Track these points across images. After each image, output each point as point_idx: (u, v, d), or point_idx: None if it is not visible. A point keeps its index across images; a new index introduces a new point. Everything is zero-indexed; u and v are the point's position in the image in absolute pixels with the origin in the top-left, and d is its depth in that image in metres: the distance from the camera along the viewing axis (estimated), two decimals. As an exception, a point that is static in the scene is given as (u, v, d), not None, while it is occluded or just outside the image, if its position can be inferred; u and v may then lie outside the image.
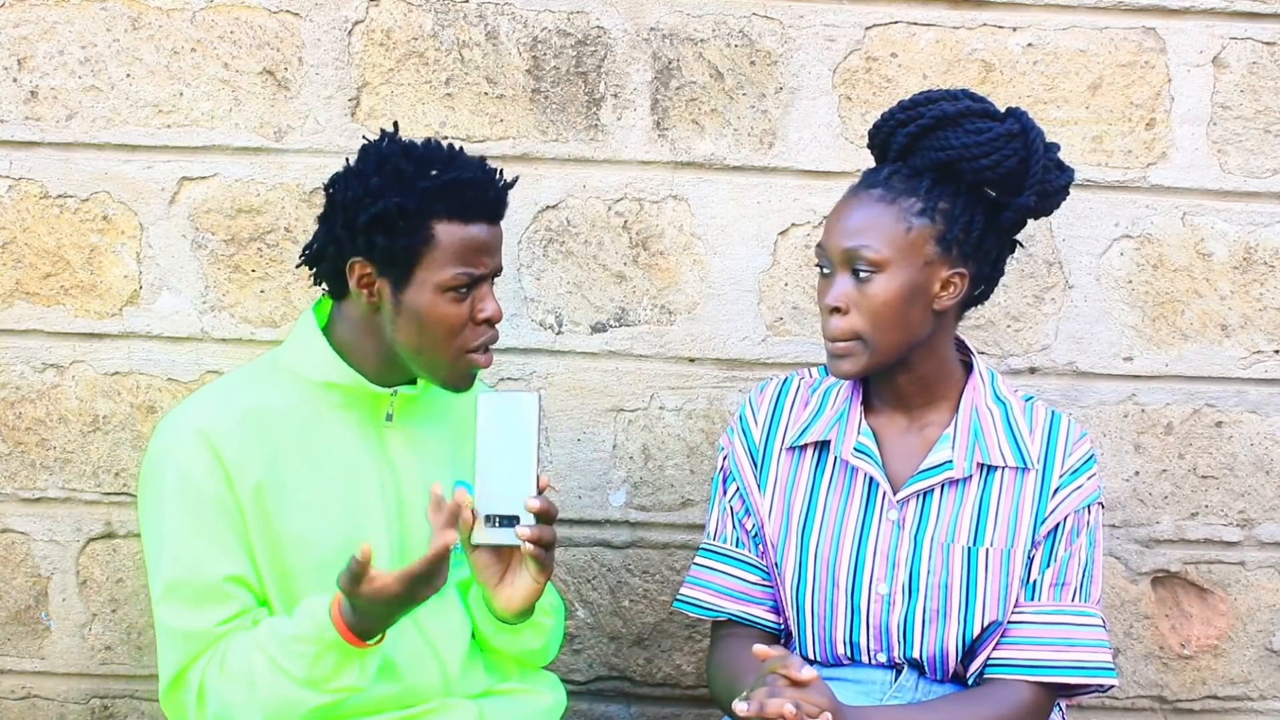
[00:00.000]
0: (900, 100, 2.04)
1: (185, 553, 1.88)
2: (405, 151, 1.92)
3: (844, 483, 2.06)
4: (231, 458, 1.88)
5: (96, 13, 2.43)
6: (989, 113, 1.99)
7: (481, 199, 1.91)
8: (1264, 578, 2.56)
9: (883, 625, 2.02)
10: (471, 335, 1.93)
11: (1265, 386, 2.51)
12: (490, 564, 1.92)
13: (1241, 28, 2.43)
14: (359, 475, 1.96)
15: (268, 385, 1.97)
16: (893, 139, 2.00)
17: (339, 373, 1.95)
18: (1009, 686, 1.99)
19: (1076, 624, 1.99)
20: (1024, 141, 1.97)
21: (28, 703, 2.59)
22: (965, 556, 2.00)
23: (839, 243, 1.96)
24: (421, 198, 1.87)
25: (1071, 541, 2.01)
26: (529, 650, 2.05)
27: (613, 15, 2.43)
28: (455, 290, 1.90)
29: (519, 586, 1.92)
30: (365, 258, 1.90)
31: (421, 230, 1.88)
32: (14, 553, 2.55)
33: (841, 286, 1.96)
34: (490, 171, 1.96)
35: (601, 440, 2.53)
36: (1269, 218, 2.47)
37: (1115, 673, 2.00)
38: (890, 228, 1.94)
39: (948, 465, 2.01)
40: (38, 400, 2.50)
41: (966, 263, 1.98)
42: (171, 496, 1.88)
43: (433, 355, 1.93)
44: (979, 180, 1.97)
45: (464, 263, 1.90)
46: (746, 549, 2.10)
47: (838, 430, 2.06)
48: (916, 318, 1.97)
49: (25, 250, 2.48)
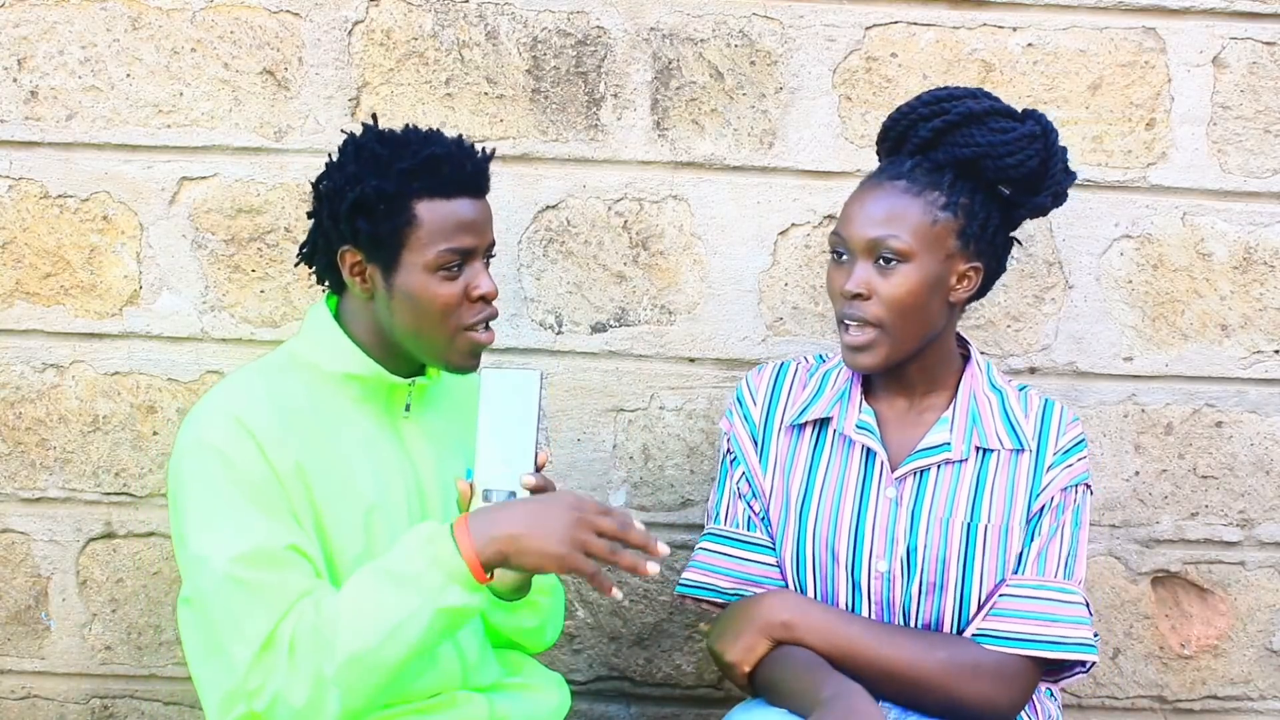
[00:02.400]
0: (920, 95, 2.07)
1: (249, 526, 1.80)
2: (380, 137, 1.92)
3: (842, 460, 2.08)
4: (269, 440, 1.85)
5: (96, 13, 2.43)
6: (1011, 113, 2.05)
7: (460, 173, 1.89)
8: (1264, 578, 2.56)
9: (884, 600, 2.04)
10: (468, 312, 1.91)
11: (1265, 386, 2.51)
12: None
13: (1241, 28, 2.43)
14: (382, 466, 1.95)
15: (287, 378, 1.95)
16: (913, 132, 2.04)
17: (359, 364, 1.94)
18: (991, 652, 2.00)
19: (1058, 599, 2.01)
20: (1045, 143, 2.03)
21: (28, 703, 2.59)
22: (964, 532, 2.02)
23: (864, 231, 1.99)
24: (399, 178, 1.86)
25: (1058, 517, 2.04)
26: (526, 629, 2.05)
27: (613, 15, 2.43)
28: (445, 269, 1.88)
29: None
30: (353, 245, 1.90)
31: (404, 211, 1.87)
32: (14, 553, 2.55)
33: (863, 273, 1.99)
34: (467, 146, 1.93)
35: (601, 440, 2.53)
36: (1269, 218, 2.47)
37: (1095, 649, 2.01)
38: (917, 219, 1.98)
39: (945, 446, 2.04)
40: (38, 400, 2.50)
41: (981, 258, 2.03)
42: (220, 479, 1.83)
43: (432, 337, 1.92)
44: (1001, 178, 2.02)
45: (449, 240, 1.88)
46: (758, 530, 2.11)
47: (839, 408, 2.09)
48: (935, 309, 2.01)
49: (25, 250, 2.48)
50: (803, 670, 1.95)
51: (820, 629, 1.99)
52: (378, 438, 1.96)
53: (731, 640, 2.02)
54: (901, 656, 1.97)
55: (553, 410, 2.51)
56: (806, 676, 1.93)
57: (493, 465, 1.86)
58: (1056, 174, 2.04)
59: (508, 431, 1.86)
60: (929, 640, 2.00)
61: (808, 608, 2.02)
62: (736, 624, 2.03)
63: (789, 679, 1.95)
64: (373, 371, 1.94)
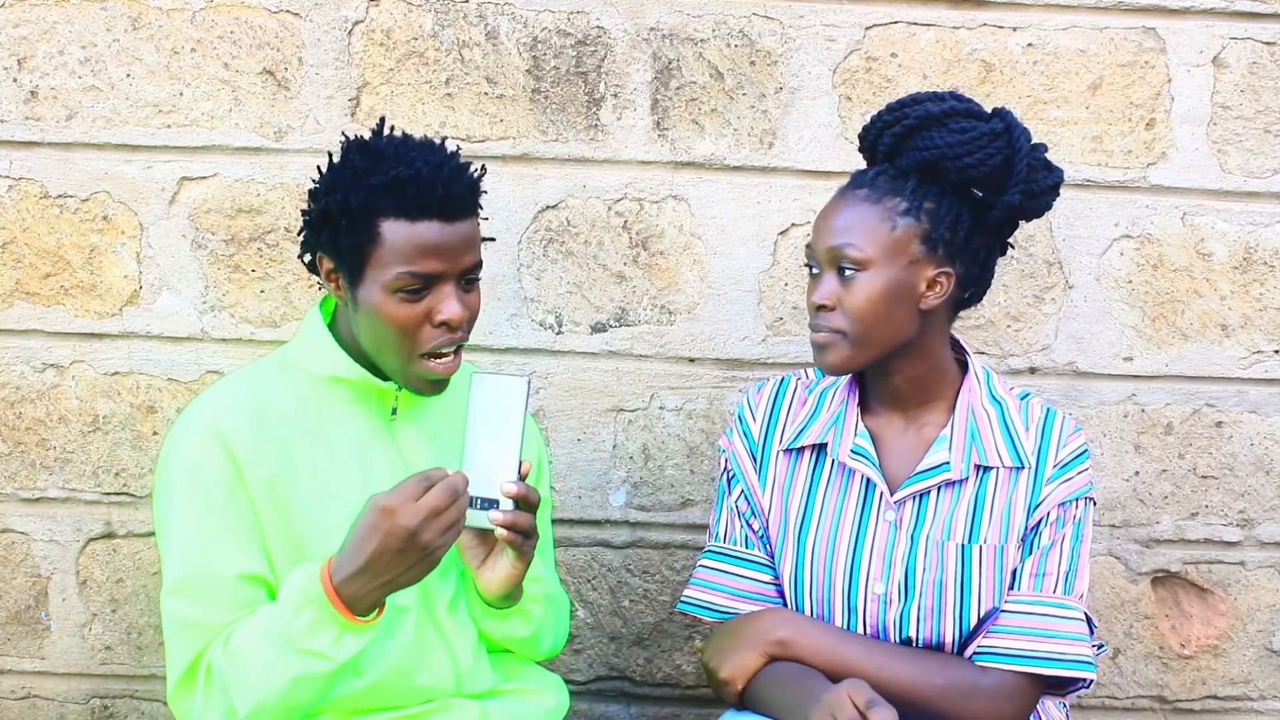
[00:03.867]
0: (888, 103, 2.05)
1: (196, 549, 1.85)
2: (364, 147, 1.88)
3: (841, 484, 2.06)
4: (243, 452, 1.86)
5: (96, 13, 2.43)
6: (974, 112, 2.00)
7: (427, 196, 1.82)
8: (1264, 578, 2.56)
9: (880, 623, 2.02)
10: (428, 336, 1.87)
11: (1265, 386, 2.51)
12: (473, 545, 1.92)
13: (1241, 28, 2.43)
14: (372, 468, 1.94)
15: (277, 381, 1.95)
16: (879, 140, 2.03)
17: (345, 367, 1.94)
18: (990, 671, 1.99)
19: (1056, 615, 1.99)
20: (1008, 140, 1.98)
21: (28, 703, 2.59)
22: (960, 554, 2.00)
23: (824, 241, 1.98)
24: (366, 194, 1.82)
25: (1056, 532, 2.02)
26: (517, 637, 2.04)
27: (613, 15, 2.43)
28: (405, 291, 1.83)
29: (499, 570, 1.91)
30: (326, 253, 1.89)
31: (368, 228, 1.82)
32: (14, 553, 2.55)
33: (828, 285, 1.98)
34: (445, 167, 1.85)
35: (601, 440, 2.53)
36: (1269, 218, 2.47)
37: (1094, 666, 2.00)
38: (874, 226, 1.96)
39: (945, 467, 2.02)
40: (38, 400, 2.50)
41: (954, 262, 1.99)
42: (182, 492, 1.86)
43: (389, 356, 1.89)
44: (964, 179, 1.98)
45: (410, 263, 1.82)
46: (756, 549, 2.10)
47: (834, 433, 2.07)
48: (902, 316, 1.98)
49: (25, 250, 2.48)
50: (793, 681, 1.94)
51: (817, 647, 1.98)
52: (369, 440, 1.96)
53: (726, 656, 2.01)
54: (900, 677, 1.95)
55: (553, 410, 2.51)
56: (796, 686, 1.92)
57: (479, 472, 1.83)
58: (1022, 171, 1.97)
59: (493, 438, 1.84)
60: (928, 660, 1.99)
61: (805, 625, 2.01)
62: (732, 640, 2.03)
63: (779, 694, 1.94)
64: (359, 375, 1.94)
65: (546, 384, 2.50)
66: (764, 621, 2.02)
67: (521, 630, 2.03)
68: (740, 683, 2.00)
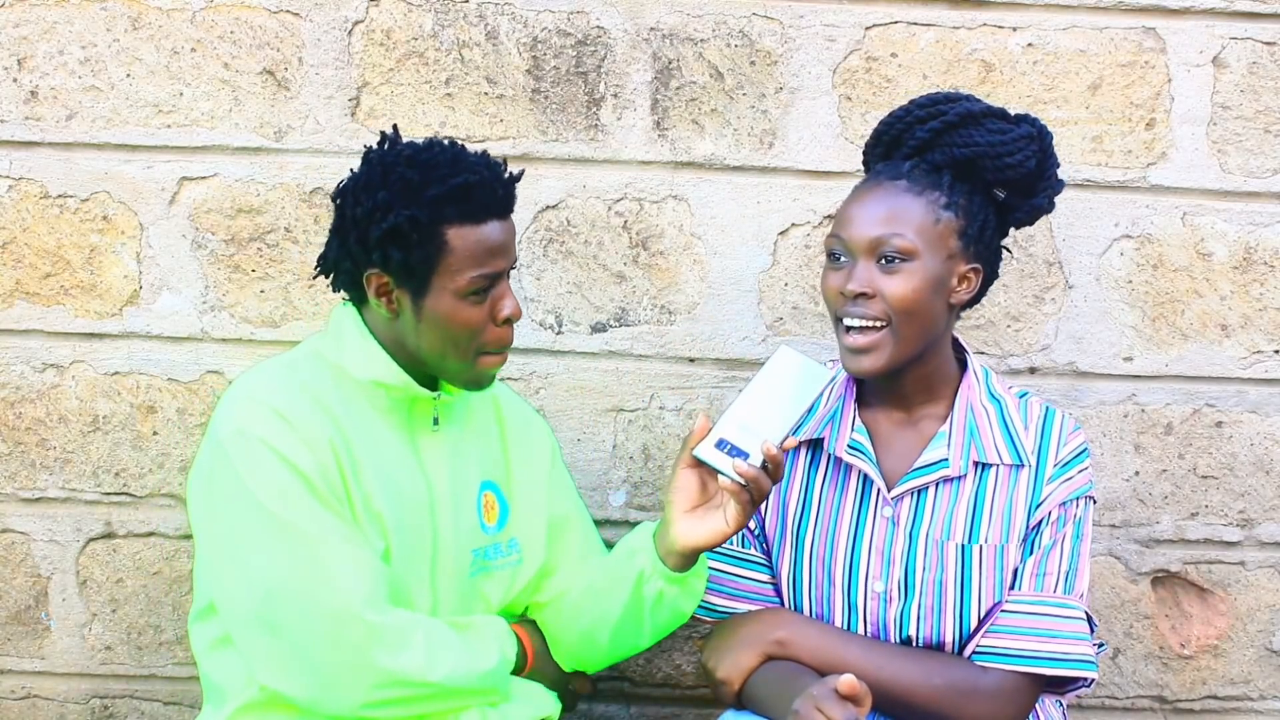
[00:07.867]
0: (912, 100, 2.06)
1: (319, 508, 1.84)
2: (410, 159, 1.89)
3: (838, 480, 2.06)
4: (306, 435, 1.86)
5: (96, 13, 2.43)
6: (1005, 115, 2.05)
7: (491, 198, 1.90)
8: (1264, 578, 2.56)
9: (880, 621, 2.03)
10: (491, 336, 1.93)
11: (1265, 386, 2.51)
12: (688, 487, 1.92)
13: (1241, 28, 2.43)
14: (395, 479, 1.94)
15: (315, 376, 1.95)
16: (909, 134, 2.03)
17: (390, 373, 1.95)
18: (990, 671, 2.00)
19: (1057, 615, 1.99)
20: (1041, 145, 2.03)
21: (28, 703, 2.59)
22: (960, 554, 2.00)
23: (866, 231, 1.97)
24: (431, 206, 1.85)
25: (1057, 531, 2.02)
26: (680, 612, 2.02)
27: (613, 15, 2.43)
28: (475, 293, 1.90)
29: (706, 524, 1.91)
30: (381, 269, 1.89)
31: (435, 239, 1.86)
32: (14, 553, 2.55)
33: (865, 273, 1.97)
34: (496, 168, 1.94)
35: (601, 440, 2.53)
36: (1269, 218, 2.47)
37: (1095, 665, 2.00)
38: (920, 218, 1.97)
39: (943, 464, 2.02)
40: (38, 400, 2.50)
41: (980, 260, 2.02)
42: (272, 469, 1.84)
43: (453, 360, 1.93)
44: (999, 179, 2.01)
45: (480, 265, 1.89)
46: (754, 549, 2.10)
47: (831, 428, 2.07)
48: (937, 310, 1.99)
49: (25, 250, 2.48)
50: (785, 680, 1.94)
51: (816, 647, 1.98)
52: (395, 449, 1.96)
53: (723, 656, 2.02)
54: (900, 677, 1.96)
55: (553, 410, 2.51)
56: (790, 683, 1.92)
57: (743, 420, 1.90)
58: (1051, 176, 2.05)
59: (775, 403, 1.91)
60: (927, 660, 1.99)
61: (803, 625, 2.01)
62: (729, 640, 2.03)
63: (774, 692, 1.94)
64: (402, 382, 1.95)
65: (546, 384, 2.50)
66: (762, 621, 2.03)
67: (686, 605, 2.01)
68: (737, 683, 2.00)
